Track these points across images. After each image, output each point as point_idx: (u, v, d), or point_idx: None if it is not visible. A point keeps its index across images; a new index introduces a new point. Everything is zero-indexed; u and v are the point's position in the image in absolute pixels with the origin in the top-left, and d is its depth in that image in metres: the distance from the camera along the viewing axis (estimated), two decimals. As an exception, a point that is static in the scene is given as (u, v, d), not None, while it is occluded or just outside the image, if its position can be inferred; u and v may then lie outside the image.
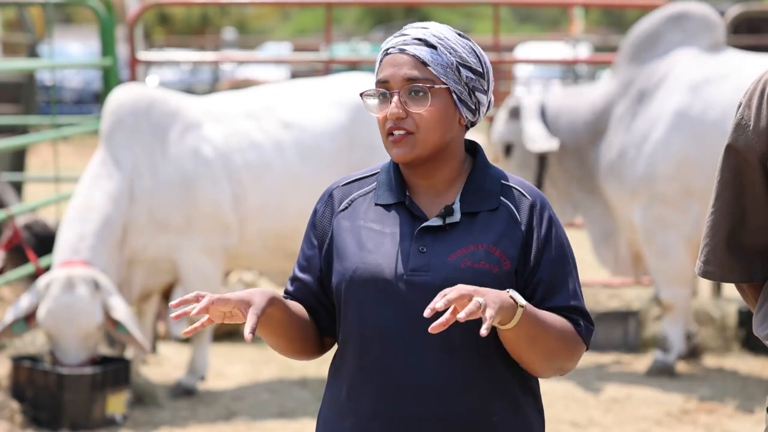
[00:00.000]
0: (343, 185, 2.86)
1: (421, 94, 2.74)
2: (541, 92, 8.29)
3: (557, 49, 23.69)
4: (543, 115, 8.03)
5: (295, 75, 21.85)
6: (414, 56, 2.75)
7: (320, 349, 2.88)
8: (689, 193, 7.57)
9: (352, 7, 33.73)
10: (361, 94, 2.81)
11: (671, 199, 7.59)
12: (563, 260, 2.77)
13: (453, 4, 24.50)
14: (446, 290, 2.56)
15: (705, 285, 9.32)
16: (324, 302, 2.84)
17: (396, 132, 2.75)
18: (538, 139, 7.89)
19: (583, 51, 20.82)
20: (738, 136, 2.71)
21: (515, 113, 8.15)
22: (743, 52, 7.98)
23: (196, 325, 2.65)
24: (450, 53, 2.76)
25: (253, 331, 2.61)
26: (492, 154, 8.18)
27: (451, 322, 2.53)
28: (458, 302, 2.55)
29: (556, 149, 7.91)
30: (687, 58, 7.78)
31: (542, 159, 8.06)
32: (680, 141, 7.59)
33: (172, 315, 2.66)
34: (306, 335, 2.82)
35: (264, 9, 41.39)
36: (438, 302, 2.54)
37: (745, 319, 8.33)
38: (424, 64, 2.74)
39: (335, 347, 2.87)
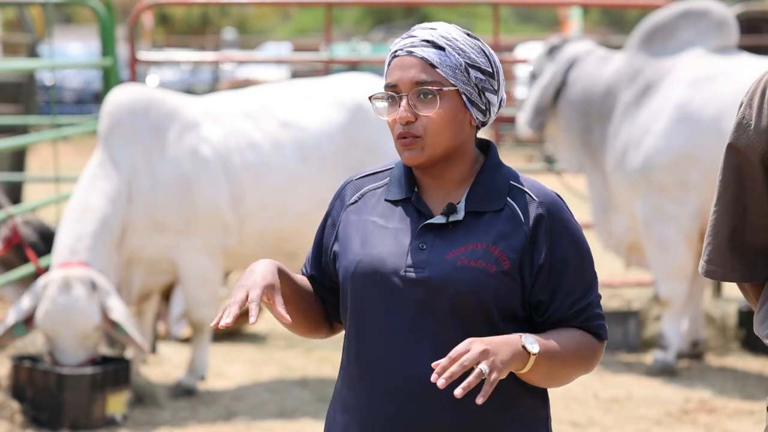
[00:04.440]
0: (357, 179, 2.87)
1: (429, 96, 2.72)
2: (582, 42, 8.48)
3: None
4: (570, 68, 8.20)
5: (295, 75, 21.83)
6: (422, 58, 2.73)
7: (329, 330, 2.91)
8: (686, 185, 7.65)
9: (352, 7, 33.73)
10: (370, 98, 2.79)
11: (668, 190, 7.66)
12: (573, 264, 2.74)
13: (453, 4, 24.50)
14: (459, 349, 2.56)
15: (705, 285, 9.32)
16: (336, 290, 2.85)
17: (406, 136, 2.74)
18: (525, 118, 8.29)
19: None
20: (739, 136, 2.70)
21: (551, 52, 8.39)
22: (750, 56, 8.01)
23: (228, 321, 2.63)
24: (458, 54, 2.73)
25: (286, 314, 2.66)
26: None
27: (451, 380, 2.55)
28: (467, 364, 2.56)
29: (530, 133, 8.42)
30: (694, 56, 7.86)
31: (548, 106, 8.30)
32: (679, 134, 7.67)
33: (214, 323, 2.64)
34: (315, 309, 2.85)
35: (264, 9, 41.40)
36: (445, 364, 2.55)
37: (745, 319, 8.33)
38: (433, 66, 2.72)
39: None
